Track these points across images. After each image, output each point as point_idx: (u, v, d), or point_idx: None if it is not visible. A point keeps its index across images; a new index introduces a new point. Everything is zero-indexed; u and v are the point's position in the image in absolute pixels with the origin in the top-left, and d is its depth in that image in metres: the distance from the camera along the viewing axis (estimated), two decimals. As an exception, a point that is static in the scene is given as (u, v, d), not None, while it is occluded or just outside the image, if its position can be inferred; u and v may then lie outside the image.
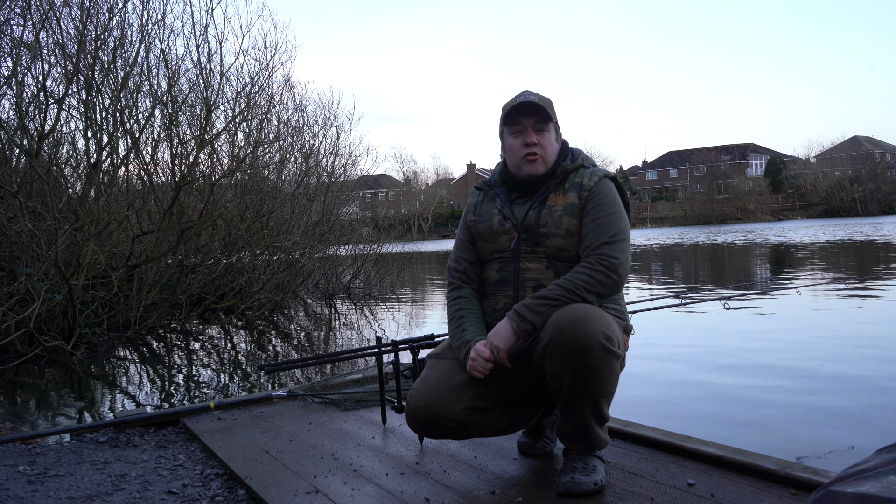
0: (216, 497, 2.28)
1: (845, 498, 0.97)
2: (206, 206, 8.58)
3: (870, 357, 4.83)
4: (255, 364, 5.83)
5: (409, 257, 15.88)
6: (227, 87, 9.49)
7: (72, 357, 5.89)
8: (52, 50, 7.27)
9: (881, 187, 60.20)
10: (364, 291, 12.11)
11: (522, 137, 2.17)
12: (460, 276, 2.27)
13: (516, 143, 2.18)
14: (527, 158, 2.16)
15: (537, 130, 2.16)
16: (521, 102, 2.16)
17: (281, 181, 11.45)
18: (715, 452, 2.20)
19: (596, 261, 2.01)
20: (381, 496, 2.09)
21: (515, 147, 2.18)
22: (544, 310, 1.97)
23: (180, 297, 8.51)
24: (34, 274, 5.89)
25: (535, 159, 2.15)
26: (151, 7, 10.77)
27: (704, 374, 4.53)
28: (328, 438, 2.76)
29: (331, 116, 14.44)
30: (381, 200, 57.47)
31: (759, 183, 65.73)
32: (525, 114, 2.16)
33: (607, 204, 2.09)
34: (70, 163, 8.43)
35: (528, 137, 2.16)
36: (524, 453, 2.40)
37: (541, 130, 2.16)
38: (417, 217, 55.71)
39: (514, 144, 2.18)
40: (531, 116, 2.16)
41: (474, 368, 2.04)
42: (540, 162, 2.16)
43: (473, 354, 2.04)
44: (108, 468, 2.61)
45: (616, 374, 1.96)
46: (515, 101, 2.17)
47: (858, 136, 74.07)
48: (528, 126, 2.16)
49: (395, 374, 2.83)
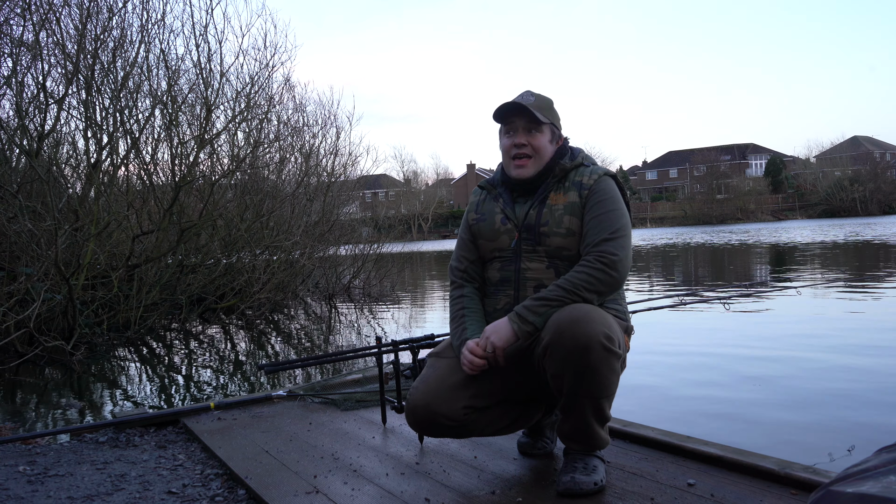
0: (216, 497, 2.28)
1: (845, 498, 0.97)
2: (206, 206, 8.58)
3: (870, 357, 4.83)
4: (255, 364, 5.83)
5: (409, 257, 15.88)
6: (227, 87, 9.51)
7: (72, 357, 5.89)
8: (51, 50, 7.28)
9: (881, 187, 60.19)
10: (364, 291, 12.11)
11: (513, 138, 2.17)
12: (462, 274, 2.27)
13: (507, 144, 2.19)
14: (515, 162, 2.17)
15: (528, 131, 2.16)
16: (504, 104, 2.16)
17: (281, 181, 11.45)
18: (715, 452, 2.20)
19: (595, 258, 2.01)
20: (381, 496, 2.09)
21: (506, 147, 2.20)
22: (544, 310, 1.97)
23: (180, 297, 8.51)
24: (34, 274, 5.89)
25: (522, 163, 2.16)
26: (151, 7, 10.76)
27: (704, 374, 4.53)
28: (328, 438, 2.76)
29: (331, 116, 14.47)
30: (381, 200, 57.44)
31: (759, 183, 65.71)
32: (515, 114, 2.17)
33: (607, 201, 2.09)
34: (70, 163, 8.43)
35: (518, 138, 2.16)
36: (524, 453, 2.40)
37: (531, 131, 2.16)
38: (417, 217, 55.70)
39: (506, 144, 2.20)
40: (521, 117, 2.16)
41: (464, 365, 2.04)
42: (530, 164, 2.16)
43: (465, 351, 2.04)
44: (108, 468, 2.61)
45: (617, 374, 1.96)
46: (503, 103, 2.17)
47: (858, 136, 74.06)
48: (519, 126, 2.17)
49: (395, 374, 2.83)
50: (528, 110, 2.13)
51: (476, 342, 2.04)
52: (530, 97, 2.18)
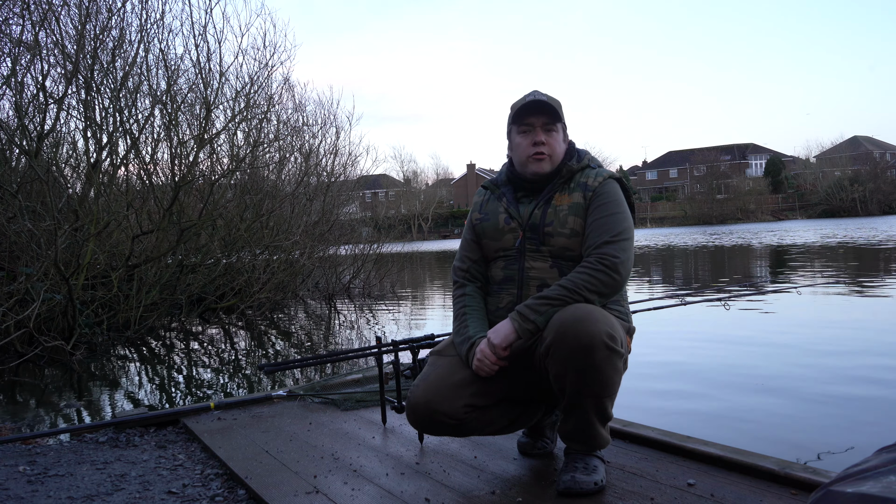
0: (216, 497, 2.27)
1: (845, 498, 0.97)
2: (206, 205, 8.58)
3: (870, 357, 4.83)
4: (255, 364, 5.83)
5: (408, 257, 15.87)
6: (227, 87, 9.50)
7: (72, 357, 5.89)
8: (51, 50, 7.27)
9: (881, 187, 60.17)
10: (364, 291, 12.11)
11: (531, 136, 2.17)
12: (464, 274, 2.28)
13: (524, 142, 2.18)
14: (534, 157, 2.16)
15: (546, 130, 2.17)
16: (531, 101, 2.16)
17: (281, 181, 11.45)
18: (715, 452, 2.20)
19: (596, 260, 2.01)
20: (381, 496, 2.09)
21: (523, 146, 2.19)
22: (546, 309, 1.97)
23: (180, 296, 8.51)
24: (34, 274, 5.89)
25: (542, 158, 2.16)
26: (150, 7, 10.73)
27: (705, 374, 4.53)
28: (328, 438, 2.76)
29: (330, 116, 14.45)
30: (381, 200, 57.43)
31: (759, 183, 65.69)
32: (535, 113, 2.16)
33: (611, 204, 2.10)
34: (70, 163, 8.43)
35: (537, 137, 2.16)
36: (524, 453, 2.40)
37: (549, 130, 2.17)
38: (417, 217, 55.71)
39: (522, 143, 2.19)
40: (541, 116, 2.16)
41: (480, 368, 2.05)
42: (547, 161, 2.17)
43: (480, 355, 2.04)
44: (108, 468, 2.61)
45: (619, 373, 1.96)
46: (525, 100, 2.17)
47: (858, 136, 74.06)
48: (537, 126, 2.17)
49: (395, 374, 2.83)
50: (550, 108, 2.14)
51: (487, 344, 2.04)
52: (542, 96, 2.18)
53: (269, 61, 10.10)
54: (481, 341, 2.07)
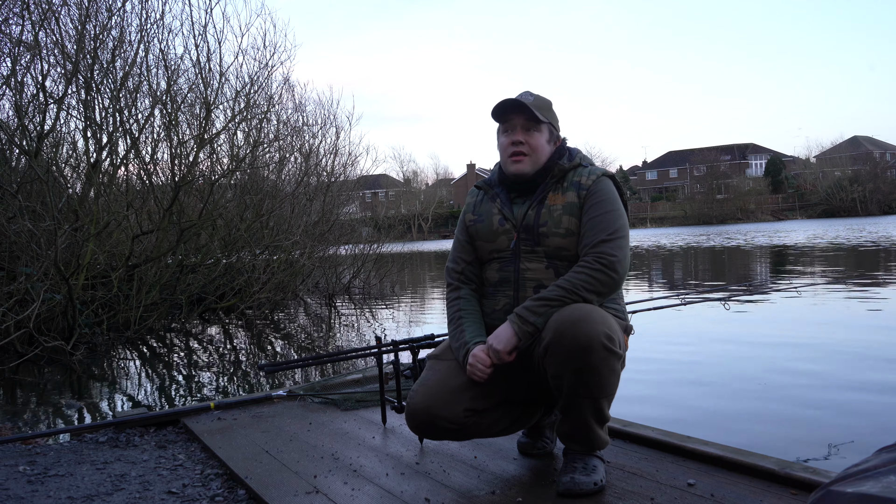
0: (216, 497, 2.27)
1: (845, 498, 0.97)
2: (206, 205, 8.58)
3: (870, 357, 4.83)
4: (255, 364, 5.83)
5: (408, 257, 15.88)
6: (227, 87, 9.50)
7: (72, 357, 5.89)
8: (51, 50, 7.27)
9: (881, 187, 60.18)
10: (364, 291, 12.11)
11: (511, 136, 2.17)
12: (459, 276, 2.27)
13: (505, 141, 2.19)
14: (512, 158, 2.16)
15: (525, 130, 2.16)
16: (504, 101, 2.15)
17: (281, 181, 11.45)
18: (715, 452, 2.20)
19: (594, 259, 2.01)
20: (381, 496, 2.09)
21: (504, 145, 2.19)
22: (544, 311, 1.97)
23: (180, 297, 8.50)
24: (34, 274, 5.88)
25: (519, 159, 2.15)
26: (150, 7, 10.74)
27: (704, 374, 4.53)
28: (328, 438, 2.76)
29: (330, 116, 14.49)
30: (380, 200, 57.41)
31: (759, 183, 65.69)
32: (514, 112, 2.16)
33: (605, 202, 2.09)
34: (69, 163, 8.42)
35: (516, 136, 2.16)
36: (524, 453, 2.40)
37: (529, 130, 2.16)
38: (417, 217, 55.69)
39: (503, 142, 2.20)
40: (520, 115, 2.16)
41: (473, 373, 2.04)
42: (526, 162, 2.15)
43: (472, 360, 2.04)
44: (108, 468, 2.61)
45: (617, 374, 1.96)
46: (502, 100, 2.17)
47: (858, 136, 74.03)
48: (517, 124, 2.16)
49: (395, 374, 2.83)
50: (527, 108, 2.13)
51: (483, 350, 2.04)
52: (529, 97, 2.18)
53: (269, 61, 10.10)
54: (476, 347, 2.07)
